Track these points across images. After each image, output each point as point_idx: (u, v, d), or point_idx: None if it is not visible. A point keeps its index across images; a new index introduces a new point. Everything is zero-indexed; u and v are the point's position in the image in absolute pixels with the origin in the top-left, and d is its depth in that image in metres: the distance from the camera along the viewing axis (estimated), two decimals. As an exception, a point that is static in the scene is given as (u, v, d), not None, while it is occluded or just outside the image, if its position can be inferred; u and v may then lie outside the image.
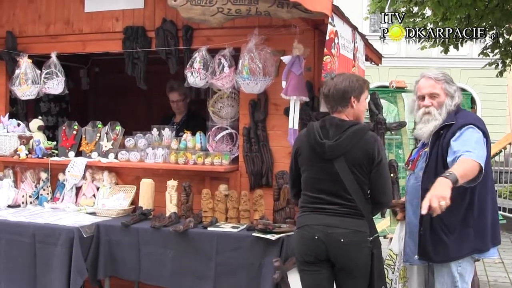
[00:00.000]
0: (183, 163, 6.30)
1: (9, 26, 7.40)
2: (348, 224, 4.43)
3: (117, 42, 6.79)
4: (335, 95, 4.59)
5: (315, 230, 4.49)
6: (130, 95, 8.97)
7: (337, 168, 4.44)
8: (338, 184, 4.45)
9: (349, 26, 5.97)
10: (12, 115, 7.46)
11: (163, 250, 5.69)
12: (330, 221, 4.45)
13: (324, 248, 4.46)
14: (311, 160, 4.61)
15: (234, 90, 6.26)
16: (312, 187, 4.61)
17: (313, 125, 4.66)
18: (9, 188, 7.02)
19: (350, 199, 4.44)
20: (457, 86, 4.74)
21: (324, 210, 4.50)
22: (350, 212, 4.44)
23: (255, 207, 5.89)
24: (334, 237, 4.41)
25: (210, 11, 5.66)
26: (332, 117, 4.63)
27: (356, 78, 4.70)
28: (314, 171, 4.60)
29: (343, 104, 4.59)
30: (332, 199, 4.48)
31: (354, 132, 4.47)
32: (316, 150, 4.54)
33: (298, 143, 4.77)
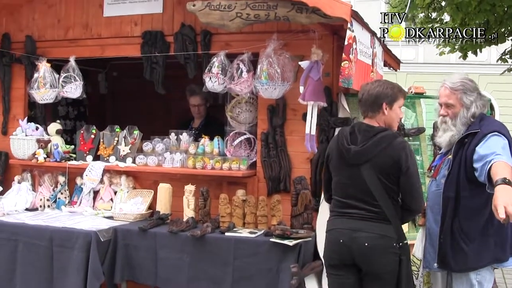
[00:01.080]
0: (201, 168, 6.30)
1: (28, 30, 7.44)
2: (373, 229, 4.42)
3: (136, 46, 6.81)
4: (367, 100, 4.58)
5: (341, 234, 4.51)
6: (148, 99, 8.99)
7: (364, 173, 4.45)
8: (364, 189, 4.45)
9: (368, 32, 5.95)
10: (30, 118, 7.48)
11: (180, 255, 5.67)
12: (356, 225, 4.46)
13: (350, 252, 4.45)
14: (340, 165, 4.64)
15: (253, 95, 6.26)
16: (341, 192, 4.63)
17: (344, 130, 4.70)
18: (27, 191, 7.05)
19: (376, 204, 4.42)
20: (477, 95, 4.59)
21: (351, 215, 4.51)
22: (376, 217, 4.43)
23: (272, 212, 5.88)
24: (359, 241, 4.41)
25: (229, 16, 5.66)
26: (361, 123, 4.64)
27: (391, 86, 4.67)
28: (342, 176, 4.63)
29: (374, 110, 4.58)
30: (359, 204, 4.48)
31: (381, 139, 4.46)
32: (343, 155, 4.57)
33: (329, 149, 4.80)
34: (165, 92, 6.86)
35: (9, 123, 7.52)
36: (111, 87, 9.85)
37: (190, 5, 5.84)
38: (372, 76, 6.18)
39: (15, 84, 7.50)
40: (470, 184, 4.37)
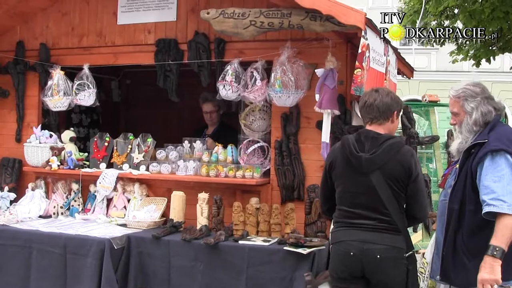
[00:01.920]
0: (214, 175, 6.30)
1: (42, 38, 7.48)
2: (385, 240, 4.33)
3: (149, 54, 6.83)
4: (380, 107, 4.48)
5: (351, 246, 4.39)
6: (161, 107, 8.99)
7: (374, 181, 4.36)
8: (374, 198, 4.36)
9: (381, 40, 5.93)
10: (44, 126, 7.51)
11: (193, 263, 5.67)
12: (366, 237, 4.36)
13: (360, 264, 4.36)
14: (347, 174, 4.51)
15: (266, 103, 6.26)
16: (348, 201, 4.50)
17: (348, 138, 4.58)
18: (41, 198, 7.06)
19: (387, 213, 4.34)
20: (481, 100, 4.46)
21: (360, 226, 4.40)
22: (387, 227, 4.35)
23: (286, 220, 5.86)
24: (370, 253, 4.32)
25: (243, 24, 5.68)
26: (368, 130, 4.53)
27: (396, 95, 4.65)
28: (350, 185, 4.50)
29: (385, 117, 4.51)
30: (369, 213, 4.38)
31: (391, 146, 4.39)
32: (352, 163, 4.44)
33: (332, 157, 4.66)
34: (179, 100, 6.86)
35: (23, 130, 7.54)
36: (124, 95, 9.88)
37: (204, 13, 5.85)
38: (385, 84, 6.17)
39: (29, 91, 7.53)
40: (476, 197, 4.27)
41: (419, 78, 21.60)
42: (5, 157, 7.56)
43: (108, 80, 9.24)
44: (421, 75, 21.47)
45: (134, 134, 7.10)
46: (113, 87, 9.44)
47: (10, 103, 7.60)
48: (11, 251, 6.15)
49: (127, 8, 7.05)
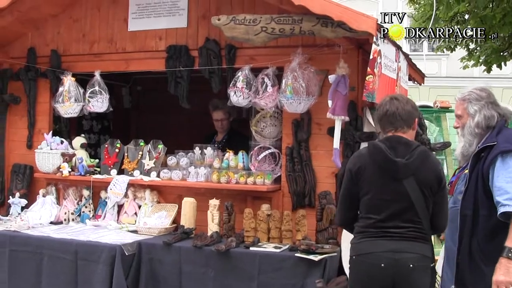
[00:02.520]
0: (225, 182, 6.29)
1: (53, 44, 7.50)
2: (415, 249, 4.23)
3: (160, 61, 6.83)
4: (403, 115, 4.38)
5: (381, 258, 4.23)
6: (172, 113, 9.00)
7: (407, 188, 4.24)
8: (407, 205, 4.24)
9: (393, 46, 5.92)
10: (55, 132, 7.52)
11: (204, 270, 5.65)
12: (397, 246, 4.22)
13: (391, 276, 4.20)
14: (378, 181, 4.35)
15: (277, 110, 6.25)
16: (377, 209, 4.33)
17: (378, 143, 4.41)
18: (52, 205, 7.07)
19: (419, 221, 4.25)
20: (485, 104, 4.47)
21: (391, 234, 4.26)
22: (417, 236, 4.25)
23: (297, 227, 5.85)
24: (403, 262, 4.19)
25: (254, 30, 5.68)
26: (399, 136, 4.39)
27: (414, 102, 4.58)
28: (380, 192, 4.34)
29: (408, 125, 4.42)
30: (399, 222, 4.25)
31: (421, 153, 4.30)
32: (385, 169, 4.31)
33: (359, 163, 4.45)
34: (190, 106, 6.85)
35: (34, 137, 7.55)
36: (135, 101, 9.89)
37: (215, 20, 5.85)
38: (396, 90, 6.15)
39: (40, 98, 7.55)
40: (489, 201, 4.26)
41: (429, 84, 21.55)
42: (16, 163, 7.57)
43: (118, 86, 9.25)
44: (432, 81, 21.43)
45: (144, 141, 7.10)
46: (123, 93, 9.45)
47: (22, 110, 7.63)
48: (23, 257, 6.16)
49: (138, 15, 7.06)
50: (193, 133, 8.76)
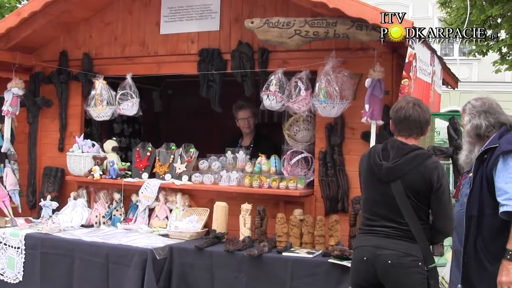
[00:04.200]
0: (257, 186, 6.25)
1: (85, 48, 7.53)
2: (397, 246, 4.32)
3: (192, 64, 6.81)
4: (423, 123, 4.49)
5: (365, 252, 4.43)
6: (202, 117, 8.99)
7: (393, 191, 4.36)
8: (393, 207, 4.36)
9: (428, 49, 5.86)
10: (86, 135, 7.54)
11: (236, 274, 5.62)
12: (380, 242, 4.38)
13: (373, 270, 4.36)
14: (370, 182, 4.57)
15: (310, 114, 6.19)
16: (368, 208, 4.56)
17: (376, 147, 4.67)
18: (83, 208, 7.09)
19: (404, 223, 4.33)
20: (476, 113, 4.54)
21: (377, 232, 4.42)
22: (402, 235, 4.34)
23: (330, 232, 5.80)
24: (382, 258, 4.32)
25: (288, 33, 5.64)
26: (395, 140, 4.54)
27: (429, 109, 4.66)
28: (371, 192, 4.55)
29: (423, 133, 4.54)
30: (386, 222, 4.40)
31: (414, 157, 4.38)
32: (374, 171, 4.49)
33: (361, 164, 4.71)
34: (221, 110, 6.82)
35: (65, 139, 7.57)
36: (165, 105, 9.87)
37: (248, 23, 5.82)
38: (431, 94, 6.08)
39: (72, 101, 7.57)
40: (494, 201, 4.28)
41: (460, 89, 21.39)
42: (47, 166, 7.61)
43: (149, 90, 9.24)
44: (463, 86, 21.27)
45: (175, 144, 7.08)
46: (154, 97, 9.45)
47: (53, 113, 7.66)
48: (54, 259, 6.19)
49: (170, 18, 7.05)
50: (223, 137, 8.74)
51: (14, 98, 7.30)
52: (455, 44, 26.01)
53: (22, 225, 6.86)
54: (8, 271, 6.39)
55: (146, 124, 9.62)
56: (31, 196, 7.65)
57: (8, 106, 7.26)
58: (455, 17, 13.36)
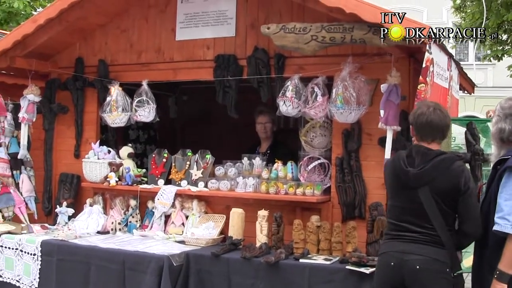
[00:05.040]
0: (274, 193, 6.22)
1: (101, 54, 7.53)
2: (425, 251, 4.29)
3: (208, 70, 6.80)
4: (444, 128, 4.48)
5: (391, 257, 4.41)
6: (218, 123, 8.98)
7: (421, 197, 4.33)
8: (420, 213, 4.33)
9: (445, 54, 5.81)
10: (102, 142, 7.54)
11: (253, 281, 5.57)
12: (407, 248, 4.35)
13: (400, 276, 4.33)
14: (395, 188, 4.56)
15: (327, 120, 6.17)
16: (395, 215, 4.53)
17: (400, 153, 4.62)
18: (99, 214, 7.09)
19: (431, 228, 4.30)
20: (502, 116, 4.37)
21: (403, 237, 4.40)
22: (429, 240, 4.31)
23: (347, 239, 5.75)
24: (410, 264, 4.30)
25: (304, 39, 5.62)
26: (419, 145, 4.50)
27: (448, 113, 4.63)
28: (397, 199, 4.53)
29: (444, 137, 4.53)
30: (412, 227, 4.37)
31: (440, 162, 4.35)
32: (400, 178, 4.46)
33: (386, 170, 4.73)
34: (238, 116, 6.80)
35: (81, 146, 7.59)
36: (180, 111, 9.86)
37: (265, 28, 5.81)
38: (448, 99, 6.03)
39: (88, 107, 7.59)
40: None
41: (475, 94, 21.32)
42: (63, 172, 7.62)
43: (164, 96, 9.23)
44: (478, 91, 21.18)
45: (191, 151, 7.06)
46: (170, 103, 9.45)
47: (69, 119, 7.67)
48: (70, 266, 6.18)
49: (186, 24, 7.04)
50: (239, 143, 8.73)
51: (30, 105, 7.33)
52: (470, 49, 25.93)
53: (38, 231, 6.87)
54: (24, 277, 6.39)
55: (162, 130, 9.61)
56: (47, 203, 7.67)
57: (23, 113, 7.29)
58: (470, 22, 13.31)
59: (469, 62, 25.20)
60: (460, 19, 15.20)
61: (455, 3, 14.58)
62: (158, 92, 7.58)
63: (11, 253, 6.52)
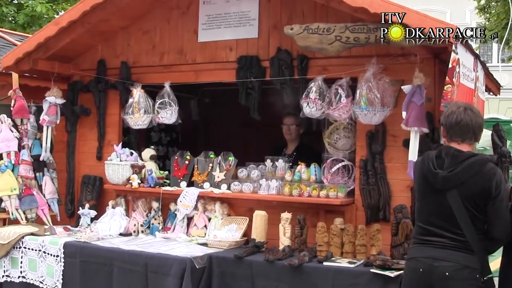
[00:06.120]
0: (297, 195, 6.17)
1: (123, 56, 7.53)
2: (456, 258, 4.19)
3: (231, 72, 6.77)
4: (475, 128, 4.37)
5: (420, 263, 4.31)
6: (240, 125, 8.95)
7: (449, 200, 4.23)
8: (449, 217, 4.23)
9: (471, 54, 5.73)
10: (124, 144, 7.53)
11: (277, 284, 5.53)
12: (437, 254, 4.25)
13: (428, 282, 4.24)
14: (423, 190, 4.45)
15: (351, 121, 6.11)
16: (423, 218, 4.43)
17: (429, 154, 4.50)
18: (121, 216, 7.09)
19: (460, 234, 4.20)
20: None
21: (432, 243, 4.30)
22: (459, 246, 4.21)
23: (372, 242, 5.69)
24: (439, 270, 4.20)
25: (328, 39, 5.56)
26: (449, 147, 4.40)
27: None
28: (425, 201, 4.43)
29: (476, 138, 4.41)
30: (442, 232, 4.27)
31: (471, 164, 4.23)
32: (428, 180, 4.36)
33: (415, 170, 4.61)
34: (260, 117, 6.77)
35: (104, 148, 7.59)
36: (203, 113, 9.86)
37: (288, 29, 5.76)
38: (474, 100, 5.95)
39: (110, 109, 7.58)
40: None
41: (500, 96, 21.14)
42: (86, 174, 7.63)
43: (187, 98, 9.24)
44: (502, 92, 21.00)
45: (213, 153, 7.03)
46: (192, 105, 9.45)
47: (91, 121, 7.68)
48: (93, 268, 6.18)
49: (208, 26, 7.01)
50: (261, 145, 8.71)
51: (52, 107, 7.33)
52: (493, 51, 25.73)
53: (60, 233, 6.87)
54: (48, 279, 6.40)
55: (184, 132, 9.62)
56: (70, 205, 7.68)
57: (44, 115, 7.30)
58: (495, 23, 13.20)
59: (493, 64, 24.99)
60: (484, 20, 15.06)
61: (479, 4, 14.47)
62: (181, 94, 7.55)
63: (34, 254, 6.53)
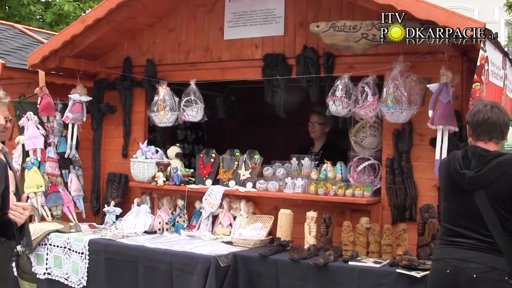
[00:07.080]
0: (323, 194, 6.13)
1: (149, 54, 7.53)
2: (484, 260, 4.11)
3: (257, 69, 6.74)
4: (502, 127, 4.30)
5: (448, 264, 4.23)
6: (266, 124, 8.92)
7: (477, 201, 4.15)
8: (476, 218, 4.15)
9: (500, 52, 5.66)
10: (150, 142, 7.54)
11: (302, 283, 5.50)
12: (464, 255, 4.17)
13: (455, 283, 4.17)
14: (450, 191, 4.39)
15: (377, 120, 6.06)
16: (449, 218, 4.35)
17: (455, 153, 4.43)
18: (146, 214, 7.09)
19: (488, 234, 4.12)
20: None
21: (460, 244, 4.22)
22: (487, 247, 4.12)
23: (398, 241, 5.64)
24: (467, 272, 4.12)
25: (354, 37, 5.51)
26: (476, 146, 4.31)
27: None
28: (452, 202, 4.35)
29: (503, 137, 4.33)
30: (469, 233, 4.19)
31: (498, 164, 4.15)
32: (455, 180, 4.28)
33: (441, 170, 4.53)
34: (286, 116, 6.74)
35: (129, 146, 7.60)
36: (228, 111, 9.84)
37: (314, 27, 5.72)
38: (503, 99, 5.87)
39: (136, 107, 7.59)
40: None
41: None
42: (111, 172, 7.66)
43: (212, 96, 9.23)
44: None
45: (239, 151, 7.02)
46: (218, 103, 9.44)
47: (117, 119, 7.70)
48: (118, 265, 6.19)
49: (234, 23, 7.00)
50: (287, 143, 8.66)
51: (76, 104, 7.36)
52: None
53: (86, 230, 6.90)
54: (73, 275, 6.42)
55: (209, 130, 9.61)
56: (95, 202, 7.70)
57: (68, 112, 7.33)
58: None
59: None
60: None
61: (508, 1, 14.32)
62: (206, 92, 7.55)
63: (59, 251, 6.56)
